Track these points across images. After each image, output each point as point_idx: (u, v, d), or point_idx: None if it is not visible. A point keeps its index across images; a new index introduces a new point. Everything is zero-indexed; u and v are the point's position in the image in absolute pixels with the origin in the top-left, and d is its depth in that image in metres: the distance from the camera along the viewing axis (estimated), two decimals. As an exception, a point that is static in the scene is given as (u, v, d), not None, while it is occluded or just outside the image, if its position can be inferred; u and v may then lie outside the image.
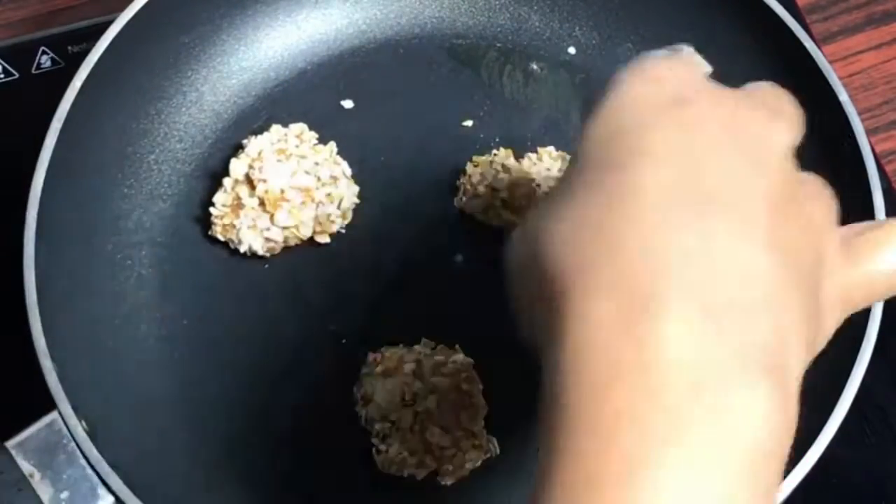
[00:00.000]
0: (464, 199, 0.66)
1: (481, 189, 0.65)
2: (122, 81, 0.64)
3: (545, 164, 0.65)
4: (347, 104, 0.70)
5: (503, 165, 0.65)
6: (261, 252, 0.63)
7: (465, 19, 0.73)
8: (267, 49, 0.71)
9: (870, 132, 0.74)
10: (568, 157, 0.66)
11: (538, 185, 0.63)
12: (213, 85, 0.69)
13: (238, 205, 0.63)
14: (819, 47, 0.66)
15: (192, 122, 0.68)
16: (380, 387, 0.58)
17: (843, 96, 0.63)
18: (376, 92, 0.70)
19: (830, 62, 0.65)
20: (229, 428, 0.60)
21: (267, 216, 0.63)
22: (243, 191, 0.63)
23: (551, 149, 0.67)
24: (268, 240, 0.63)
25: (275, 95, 0.70)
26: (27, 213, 0.57)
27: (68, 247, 0.60)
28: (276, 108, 0.69)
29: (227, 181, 0.64)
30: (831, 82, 0.63)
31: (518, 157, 0.66)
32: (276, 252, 0.64)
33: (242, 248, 0.63)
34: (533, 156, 0.66)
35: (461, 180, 0.67)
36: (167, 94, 0.67)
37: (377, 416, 0.58)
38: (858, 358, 0.56)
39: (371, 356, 0.60)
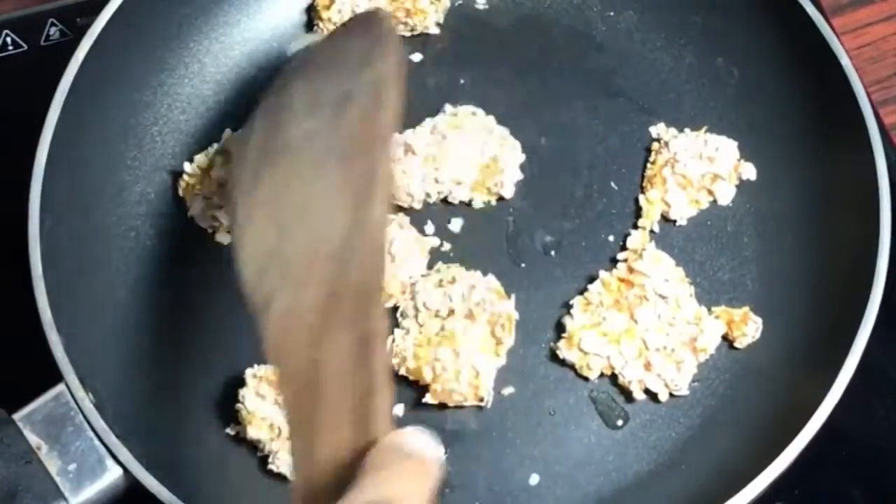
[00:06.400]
0: None
1: None
2: (125, 54, 0.64)
3: None
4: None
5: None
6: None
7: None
8: (269, 19, 0.70)
9: (878, 104, 0.73)
10: None
11: None
12: (216, 56, 0.69)
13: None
14: (828, 19, 0.65)
15: (195, 94, 0.68)
16: None
17: (845, 61, 0.62)
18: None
19: (839, 34, 0.64)
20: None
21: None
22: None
23: None
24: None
25: (278, 66, 0.69)
26: (31, 185, 0.57)
27: (73, 218, 0.60)
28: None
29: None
30: (834, 50, 0.62)
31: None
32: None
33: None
34: None
35: None
36: (169, 66, 0.67)
37: None
38: (863, 321, 0.55)
39: None
